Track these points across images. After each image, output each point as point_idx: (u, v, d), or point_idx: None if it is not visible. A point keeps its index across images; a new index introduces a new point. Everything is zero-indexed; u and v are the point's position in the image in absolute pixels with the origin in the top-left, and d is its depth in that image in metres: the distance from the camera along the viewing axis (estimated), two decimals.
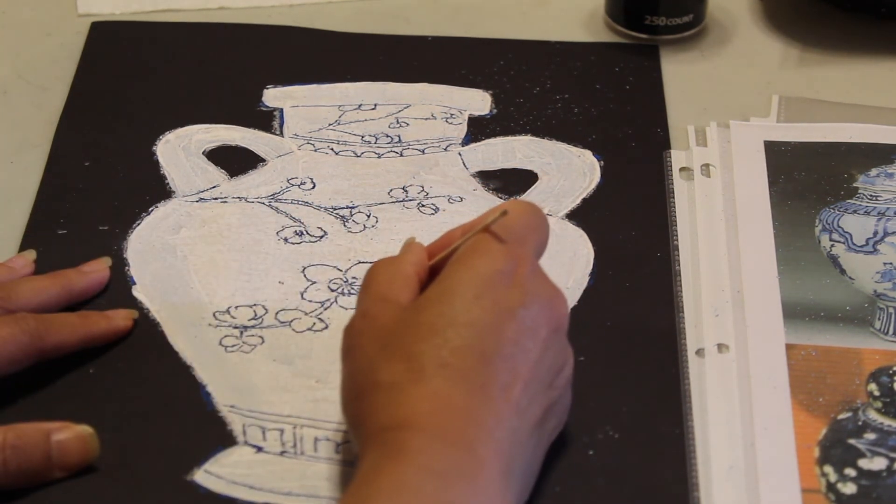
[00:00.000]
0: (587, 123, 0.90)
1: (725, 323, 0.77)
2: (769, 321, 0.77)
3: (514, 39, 0.97)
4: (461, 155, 0.88)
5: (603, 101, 0.92)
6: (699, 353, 0.75)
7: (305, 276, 0.80)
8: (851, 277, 0.80)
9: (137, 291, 0.79)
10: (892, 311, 0.78)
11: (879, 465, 0.70)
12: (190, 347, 0.76)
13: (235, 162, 0.87)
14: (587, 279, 0.80)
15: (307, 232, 0.83)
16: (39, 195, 0.85)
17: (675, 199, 0.84)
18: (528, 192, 0.86)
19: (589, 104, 0.92)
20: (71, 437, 0.69)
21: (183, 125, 0.90)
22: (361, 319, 0.66)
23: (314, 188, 0.85)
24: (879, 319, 0.77)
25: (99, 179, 0.86)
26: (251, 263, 0.81)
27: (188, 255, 0.81)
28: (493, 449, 0.62)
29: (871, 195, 0.84)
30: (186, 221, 0.83)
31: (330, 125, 0.90)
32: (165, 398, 0.73)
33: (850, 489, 0.69)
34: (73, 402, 0.73)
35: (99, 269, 0.79)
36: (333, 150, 0.88)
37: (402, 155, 0.88)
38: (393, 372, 0.63)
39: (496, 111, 0.91)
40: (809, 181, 0.85)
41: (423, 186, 0.86)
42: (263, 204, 0.84)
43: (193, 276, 0.80)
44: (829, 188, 0.85)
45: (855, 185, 0.85)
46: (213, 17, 0.99)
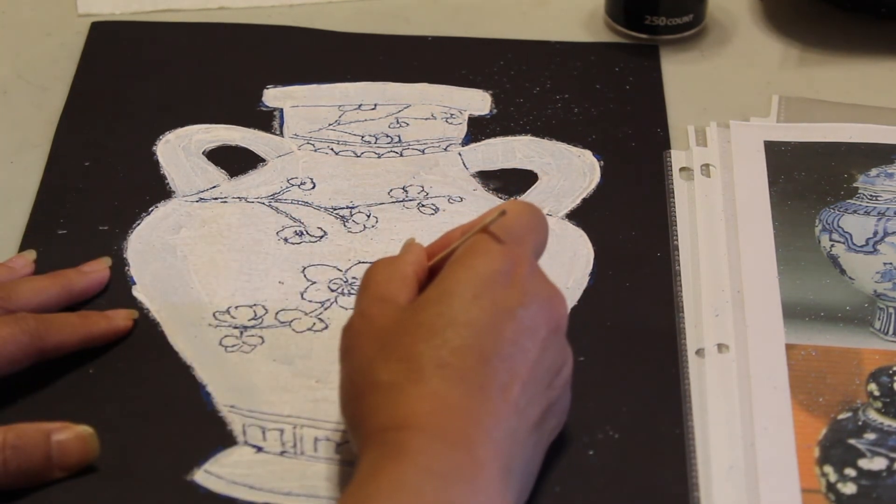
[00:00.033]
0: (587, 123, 0.90)
1: (725, 323, 0.77)
2: (769, 321, 0.77)
3: (514, 39, 0.97)
4: (461, 155, 0.88)
5: (603, 101, 0.92)
6: (699, 353, 0.75)
7: (305, 276, 0.80)
8: (851, 277, 0.80)
9: (137, 291, 0.79)
10: (892, 311, 0.78)
11: (879, 465, 0.70)
12: (190, 347, 0.76)
13: (235, 162, 0.87)
14: (587, 279, 0.80)
15: (307, 232, 0.82)
16: (39, 195, 0.85)
17: (675, 199, 0.84)
18: (528, 192, 0.86)
19: (589, 104, 0.92)
20: (71, 437, 0.69)
21: (183, 125, 0.90)
22: (360, 320, 0.66)
23: (314, 188, 0.85)
24: (879, 319, 0.77)
25: (99, 179, 0.86)
26: (251, 263, 0.81)
27: (188, 255, 0.81)
28: (492, 449, 0.62)
29: (871, 195, 0.84)
30: (186, 221, 0.83)
31: (330, 125, 0.90)
32: (165, 398, 0.73)
33: (850, 489, 0.69)
34: (73, 402, 0.73)
35: (99, 269, 0.79)
36: (333, 150, 0.88)
37: (402, 155, 0.88)
38: (392, 372, 0.63)
39: (496, 111, 0.91)
40: (809, 181, 0.85)
41: (423, 186, 0.86)
42: (263, 204, 0.84)
43: (193, 276, 0.80)
44: (829, 188, 0.85)
45: (855, 185, 0.85)
46: (213, 17, 0.99)
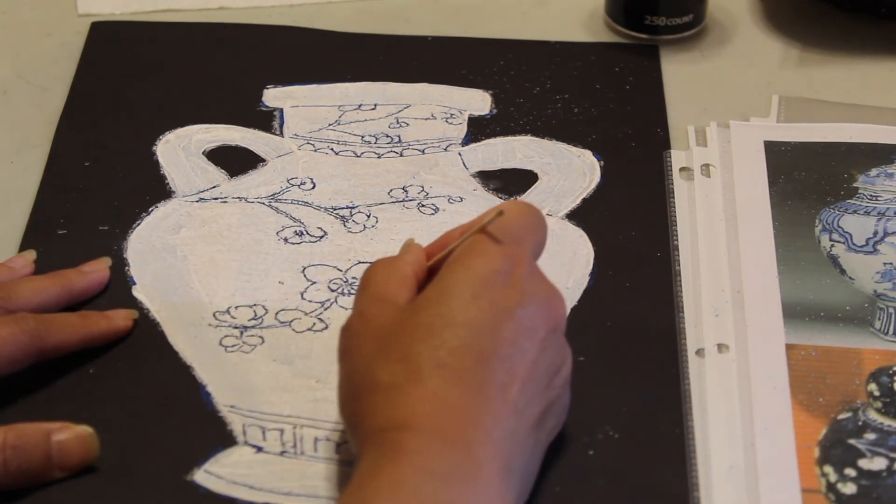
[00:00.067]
0: (587, 123, 0.90)
1: (725, 323, 0.77)
2: (769, 321, 0.77)
3: (514, 39, 0.97)
4: (461, 155, 0.88)
5: (603, 101, 0.92)
6: (699, 353, 0.75)
7: (305, 276, 0.80)
8: (851, 277, 0.80)
9: (137, 291, 0.79)
10: (892, 311, 0.78)
11: (879, 465, 0.70)
12: (190, 347, 0.76)
13: (235, 162, 0.87)
14: (587, 279, 0.80)
15: (307, 232, 0.82)
16: (39, 195, 0.85)
17: (675, 199, 0.84)
18: (528, 192, 0.85)
19: (589, 104, 0.92)
20: (71, 437, 0.69)
21: (183, 125, 0.90)
22: (359, 320, 0.66)
23: (314, 188, 0.85)
24: (879, 319, 0.77)
25: (99, 179, 0.86)
26: (251, 263, 0.81)
27: (188, 255, 0.81)
28: (491, 449, 0.62)
29: (871, 195, 0.84)
30: (186, 221, 0.83)
31: (330, 125, 0.90)
32: (165, 398, 0.73)
33: (850, 489, 0.69)
34: (73, 402, 0.73)
35: (99, 269, 0.79)
36: (333, 150, 0.88)
37: (402, 155, 0.88)
38: (391, 372, 0.63)
39: (496, 111, 0.91)
40: (809, 181, 0.85)
41: (423, 186, 0.86)
42: (263, 204, 0.84)
43: (193, 276, 0.80)
44: (829, 188, 0.85)
45: (855, 185, 0.85)
46: (213, 17, 0.99)
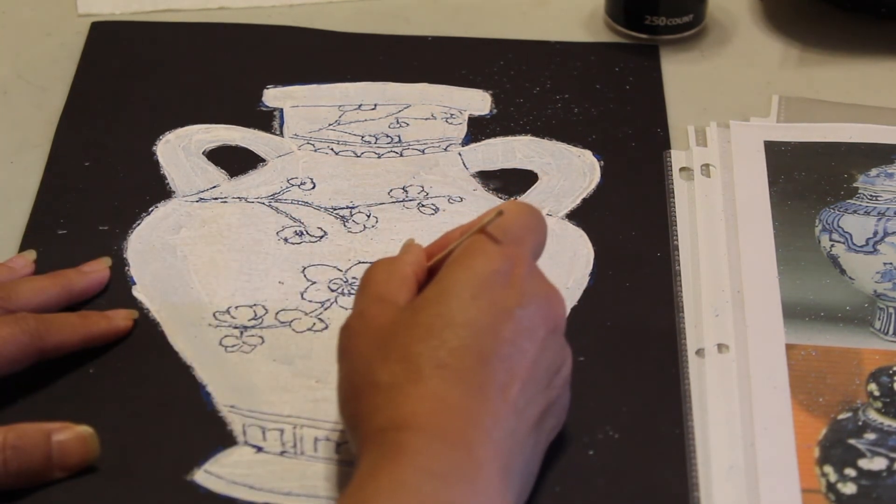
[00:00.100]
0: (587, 123, 0.90)
1: (725, 323, 0.77)
2: (769, 321, 0.77)
3: (514, 39, 0.97)
4: (461, 155, 0.88)
5: (603, 101, 0.92)
6: (699, 353, 0.75)
7: (305, 276, 0.80)
8: (851, 277, 0.80)
9: (137, 291, 0.79)
10: (892, 311, 0.78)
11: (879, 465, 0.70)
12: (190, 347, 0.76)
13: (235, 162, 0.87)
14: (587, 279, 0.80)
15: (307, 232, 0.82)
16: (39, 195, 0.85)
17: (675, 199, 0.84)
18: (528, 192, 0.85)
19: (589, 104, 0.92)
20: (71, 437, 0.69)
21: (183, 125, 0.90)
22: (358, 319, 0.66)
23: (314, 188, 0.85)
24: (879, 319, 0.77)
25: (99, 179, 0.86)
26: (251, 263, 0.81)
27: (188, 255, 0.81)
28: (491, 449, 0.62)
29: (871, 195, 0.84)
30: (186, 221, 0.83)
31: (330, 125, 0.90)
32: (165, 398, 0.73)
33: (850, 489, 0.69)
34: (73, 402, 0.73)
35: (99, 269, 0.79)
36: (333, 150, 0.88)
37: (402, 155, 0.88)
38: (391, 373, 0.63)
39: (496, 111, 0.91)
40: (809, 181, 0.85)
41: (423, 186, 0.86)
42: (263, 204, 0.84)
43: (193, 276, 0.80)
44: (829, 188, 0.85)
45: (855, 185, 0.85)
46: (213, 17, 0.99)
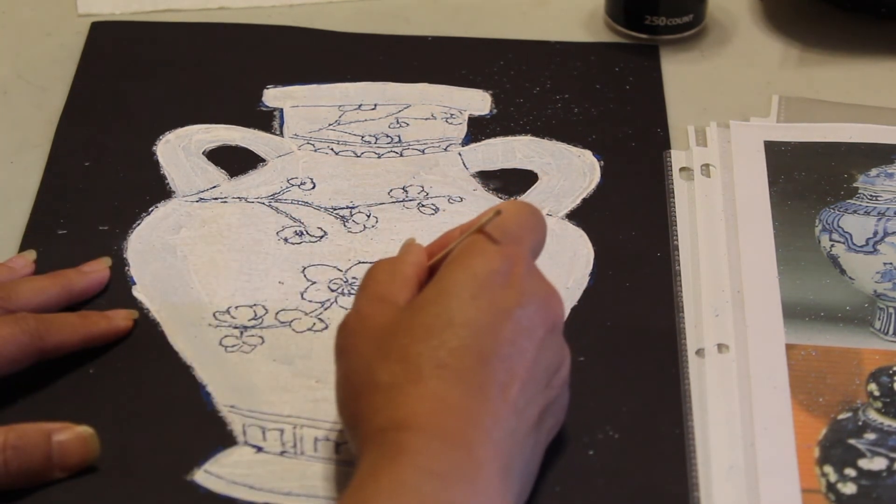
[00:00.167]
0: (587, 123, 0.90)
1: (725, 323, 0.77)
2: (769, 321, 0.77)
3: (514, 39, 0.97)
4: (461, 155, 0.88)
5: (603, 101, 0.92)
6: (699, 353, 0.75)
7: (305, 276, 0.80)
8: (851, 277, 0.80)
9: (137, 291, 0.79)
10: (892, 311, 0.78)
11: (879, 465, 0.70)
12: (190, 347, 0.76)
13: (235, 162, 0.87)
14: (587, 279, 0.80)
15: (307, 232, 0.82)
16: (39, 195, 0.85)
17: (675, 199, 0.84)
18: (528, 192, 0.85)
19: (589, 104, 0.92)
20: (71, 437, 0.69)
21: (183, 125, 0.90)
22: (356, 318, 0.66)
23: (314, 188, 0.85)
24: (879, 319, 0.77)
25: (99, 179, 0.86)
26: (251, 263, 0.81)
27: (188, 255, 0.81)
28: (491, 449, 0.62)
29: (871, 195, 0.84)
30: (186, 221, 0.83)
31: (330, 125, 0.90)
32: (165, 398, 0.73)
33: (850, 489, 0.69)
34: (73, 402, 0.73)
35: (99, 269, 0.79)
36: (333, 150, 0.88)
37: (402, 155, 0.88)
38: (390, 373, 0.63)
39: (496, 111, 0.91)
40: (809, 181, 0.85)
41: (423, 186, 0.86)
42: (263, 204, 0.84)
43: (193, 276, 0.80)
44: (829, 188, 0.85)
45: (855, 185, 0.85)
46: (213, 17, 0.99)
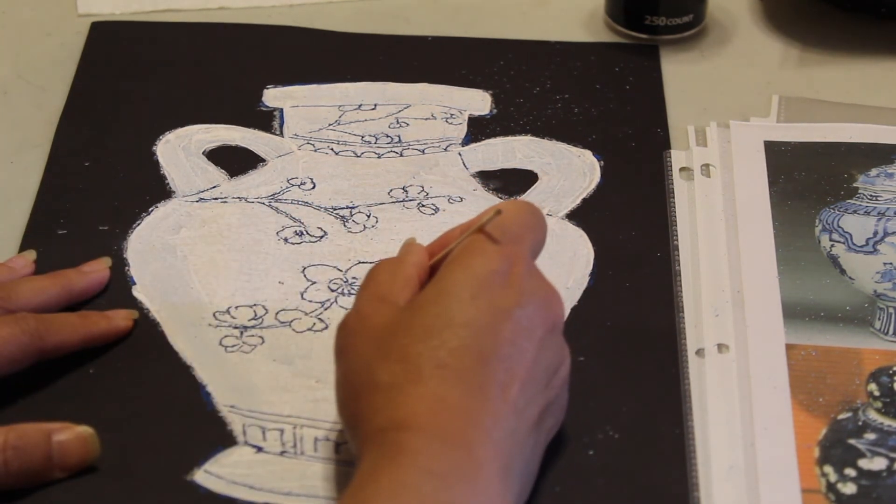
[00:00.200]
0: (587, 123, 0.90)
1: (725, 323, 0.77)
2: (769, 321, 0.77)
3: (514, 39, 0.97)
4: (461, 155, 0.88)
5: (603, 101, 0.92)
6: (699, 353, 0.75)
7: (305, 276, 0.80)
8: (851, 277, 0.80)
9: (137, 291, 0.79)
10: (892, 311, 0.78)
11: (879, 465, 0.70)
12: (190, 347, 0.76)
13: (235, 162, 0.87)
14: (587, 279, 0.80)
15: (307, 232, 0.82)
16: (39, 195, 0.85)
17: (675, 199, 0.84)
18: (528, 192, 0.86)
19: (589, 104, 0.92)
20: (72, 437, 0.69)
21: (183, 125, 0.90)
22: (356, 318, 0.66)
23: (314, 188, 0.85)
24: (879, 319, 0.77)
25: (99, 179, 0.86)
26: (251, 263, 0.81)
27: (188, 255, 0.81)
28: (491, 449, 0.62)
29: (871, 195, 0.84)
30: (186, 221, 0.83)
31: (330, 125, 0.90)
32: (165, 398, 0.73)
33: (850, 489, 0.69)
34: (73, 402, 0.73)
35: (99, 269, 0.79)
36: (333, 150, 0.88)
37: (402, 155, 0.88)
38: (390, 373, 0.63)
39: (496, 111, 0.91)
40: (809, 181, 0.85)
41: (423, 186, 0.86)
42: (263, 204, 0.84)
43: (193, 276, 0.80)
44: (829, 188, 0.85)
45: (855, 185, 0.85)
46: (213, 17, 0.99)
